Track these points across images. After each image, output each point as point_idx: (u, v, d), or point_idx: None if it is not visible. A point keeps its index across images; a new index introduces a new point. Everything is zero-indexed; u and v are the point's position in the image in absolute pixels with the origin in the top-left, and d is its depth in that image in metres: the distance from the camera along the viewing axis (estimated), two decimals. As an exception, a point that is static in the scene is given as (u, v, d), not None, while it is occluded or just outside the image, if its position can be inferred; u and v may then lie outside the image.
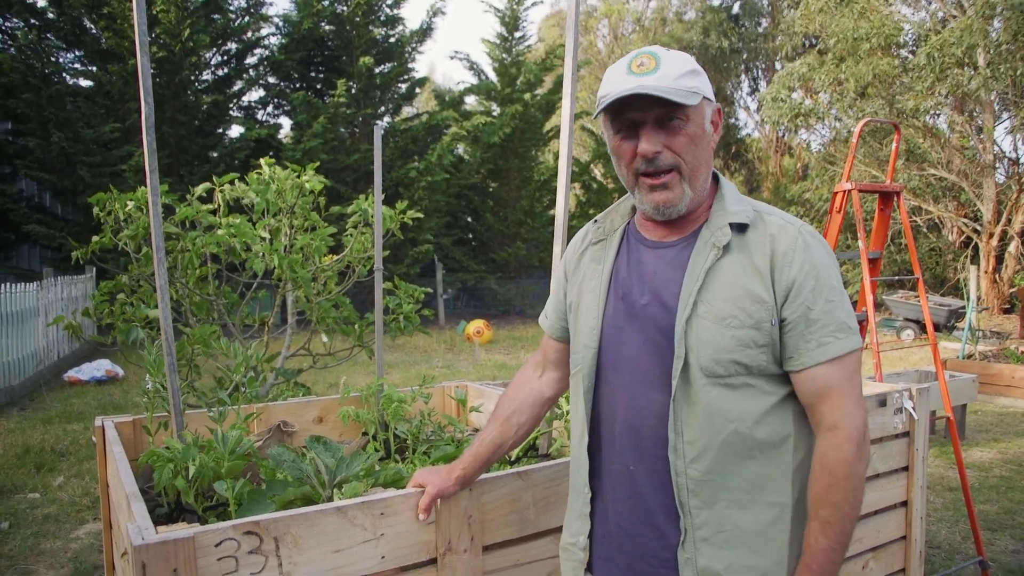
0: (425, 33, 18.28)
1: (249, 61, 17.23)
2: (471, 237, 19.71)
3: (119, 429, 2.38)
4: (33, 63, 13.47)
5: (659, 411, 1.40)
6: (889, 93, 16.54)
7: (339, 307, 3.90)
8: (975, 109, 17.50)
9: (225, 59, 16.84)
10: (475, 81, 19.63)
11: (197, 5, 15.21)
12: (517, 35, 19.39)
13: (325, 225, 3.70)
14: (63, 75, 14.56)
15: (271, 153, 15.85)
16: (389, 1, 17.85)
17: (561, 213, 2.32)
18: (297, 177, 3.59)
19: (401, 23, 18.32)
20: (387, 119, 18.63)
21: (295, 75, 18.06)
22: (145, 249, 3.33)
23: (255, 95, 17.85)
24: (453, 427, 2.79)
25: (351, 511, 1.59)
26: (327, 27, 17.43)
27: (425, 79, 19.40)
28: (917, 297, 13.78)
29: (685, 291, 1.38)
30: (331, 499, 1.85)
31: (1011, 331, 14.22)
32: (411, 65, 18.42)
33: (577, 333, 1.56)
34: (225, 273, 3.78)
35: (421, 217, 4.35)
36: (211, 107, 15.95)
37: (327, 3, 17.17)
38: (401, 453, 2.68)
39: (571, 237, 1.82)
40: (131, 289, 3.57)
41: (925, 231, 19.37)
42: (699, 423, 1.36)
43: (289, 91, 17.50)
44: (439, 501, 1.69)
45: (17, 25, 14.60)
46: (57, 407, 7.62)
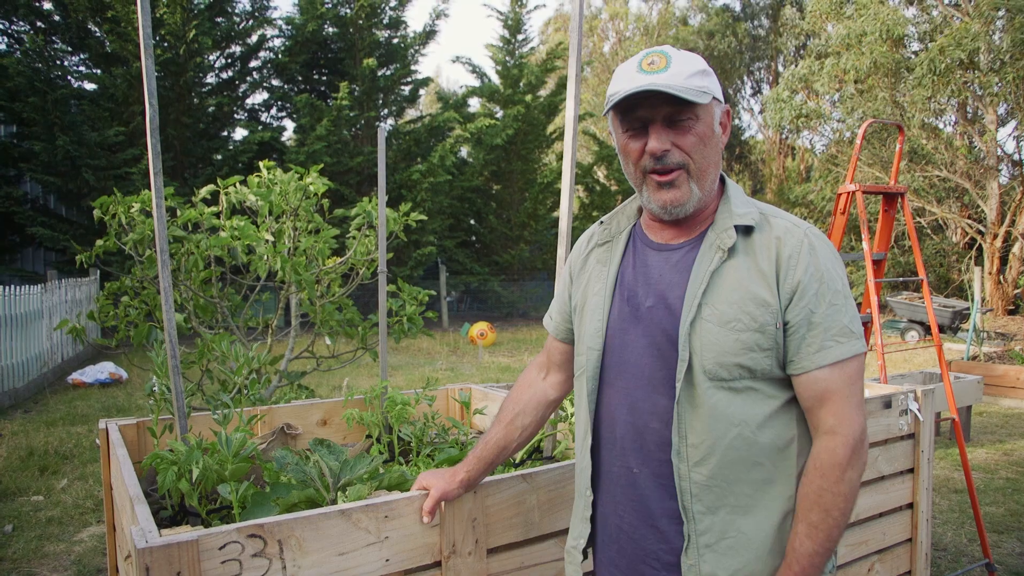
0: (428, 35, 18.32)
1: (253, 64, 17.29)
2: (474, 239, 19.73)
3: (123, 432, 2.38)
4: (39, 66, 13.53)
5: (663, 414, 1.39)
6: (892, 92, 16.50)
7: (343, 309, 3.90)
8: (978, 109, 17.46)
9: (229, 62, 16.89)
10: (478, 84, 19.69)
11: (201, 8, 15.26)
12: (520, 37, 19.46)
13: (329, 227, 3.70)
14: (68, 78, 14.62)
15: (275, 156, 15.89)
16: (392, 3, 17.90)
17: (565, 215, 2.31)
18: (300, 179, 3.59)
19: (404, 25, 18.38)
20: (390, 121, 18.66)
21: (299, 77, 18.13)
22: (148, 252, 3.33)
23: (259, 98, 17.98)
24: (457, 430, 2.79)
25: (355, 514, 1.58)
26: (330, 29, 17.49)
27: (428, 80, 19.42)
28: (921, 299, 13.74)
29: (689, 294, 1.38)
30: (335, 502, 1.85)
31: (1015, 332, 14.18)
32: (414, 67, 18.49)
33: (582, 335, 1.55)
34: (229, 275, 3.78)
35: (425, 220, 4.35)
36: (215, 110, 15.99)
37: (330, 5, 17.21)
38: (405, 456, 2.67)
39: (575, 240, 1.82)
40: (135, 292, 3.57)
41: (929, 232, 19.34)
42: (703, 426, 1.35)
43: (293, 94, 17.55)
44: (443, 504, 1.68)
45: (23, 29, 14.66)
46: (61, 410, 7.63)
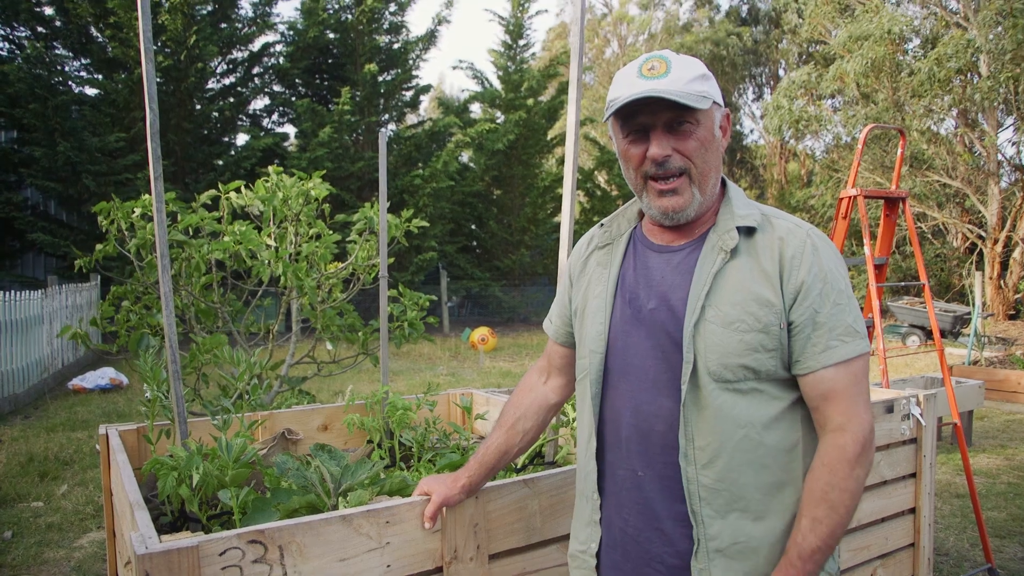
0: (430, 40, 18.36)
1: (255, 70, 17.32)
2: (475, 244, 19.74)
3: (123, 437, 2.38)
4: (40, 72, 13.55)
5: (668, 416, 1.39)
6: (893, 95, 16.52)
7: (344, 315, 3.90)
8: (978, 114, 17.48)
9: (231, 67, 16.93)
10: (480, 89, 19.73)
11: (204, 14, 15.30)
12: (521, 43, 19.50)
13: (330, 232, 3.70)
14: (69, 84, 14.65)
15: (277, 161, 15.90)
16: (392, 8, 17.94)
17: (567, 220, 2.31)
18: (302, 184, 3.59)
19: (405, 30, 18.42)
20: (391, 126, 18.68)
21: (300, 83, 18.18)
22: (149, 257, 3.33)
23: (261, 103, 17.92)
24: (458, 435, 2.78)
25: (356, 520, 1.58)
26: (332, 35, 17.53)
27: (429, 87, 19.47)
28: (922, 303, 13.73)
29: (693, 295, 1.37)
30: (336, 507, 1.84)
31: (1016, 337, 14.16)
32: (415, 72, 18.52)
33: (583, 338, 1.54)
34: (230, 280, 3.78)
35: (426, 226, 4.36)
36: (217, 115, 16.01)
37: (332, 11, 17.26)
38: (406, 461, 2.67)
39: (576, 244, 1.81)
40: (136, 296, 3.57)
41: (930, 237, 19.33)
42: (709, 428, 1.35)
43: (294, 99, 17.59)
44: (445, 509, 1.67)
45: (24, 34, 14.69)
46: (61, 415, 7.62)
